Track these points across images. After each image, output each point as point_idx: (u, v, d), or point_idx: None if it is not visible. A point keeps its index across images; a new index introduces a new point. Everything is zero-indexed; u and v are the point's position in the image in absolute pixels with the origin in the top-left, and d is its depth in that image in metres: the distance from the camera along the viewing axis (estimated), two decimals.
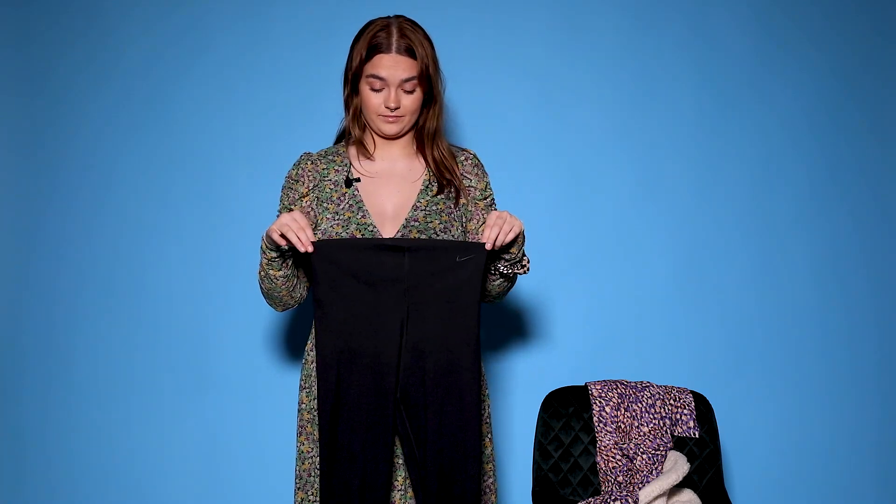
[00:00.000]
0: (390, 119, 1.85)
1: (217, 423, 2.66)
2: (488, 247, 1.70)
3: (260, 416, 2.65)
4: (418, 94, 1.85)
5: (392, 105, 1.82)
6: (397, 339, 1.69)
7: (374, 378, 1.69)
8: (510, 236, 1.72)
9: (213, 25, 2.67)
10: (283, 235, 1.69)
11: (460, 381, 1.70)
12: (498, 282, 1.89)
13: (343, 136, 1.98)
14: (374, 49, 1.81)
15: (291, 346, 2.67)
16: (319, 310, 1.70)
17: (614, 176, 2.71)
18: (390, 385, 1.70)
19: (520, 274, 1.86)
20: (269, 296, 1.87)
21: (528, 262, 1.86)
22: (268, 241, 1.75)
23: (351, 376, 1.69)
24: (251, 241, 2.50)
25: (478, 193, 1.94)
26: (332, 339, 1.68)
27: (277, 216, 1.91)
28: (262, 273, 1.82)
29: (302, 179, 1.90)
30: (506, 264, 1.83)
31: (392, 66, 1.80)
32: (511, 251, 1.80)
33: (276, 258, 1.77)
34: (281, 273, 1.81)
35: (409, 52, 1.81)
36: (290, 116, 2.65)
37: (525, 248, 1.86)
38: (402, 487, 1.87)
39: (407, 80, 1.81)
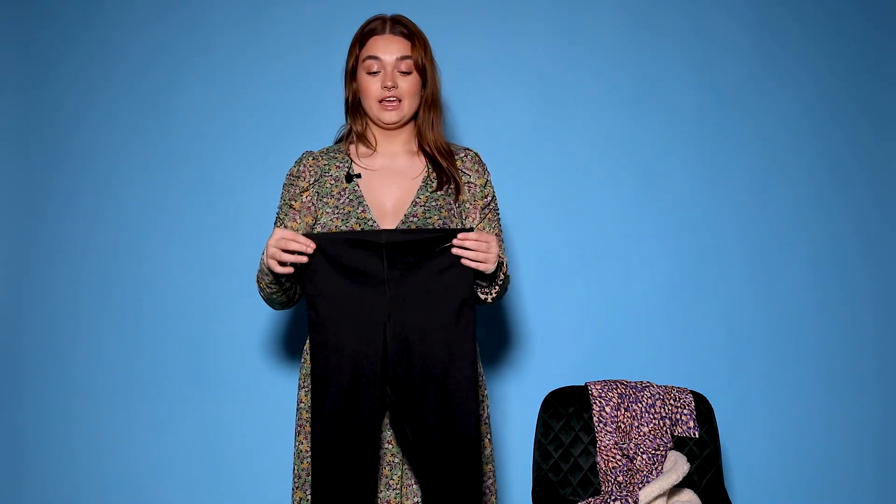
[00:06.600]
0: (389, 106, 1.88)
1: (216, 423, 2.66)
2: (458, 253, 1.71)
3: (259, 415, 2.65)
4: (415, 77, 1.89)
5: (388, 84, 1.85)
6: (381, 330, 1.70)
7: (356, 369, 1.70)
8: (476, 265, 1.72)
9: (213, 25, 2.67)
10: (281, 263, 1.69)
11: (447, 372, 1.71)
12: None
13: (342, 140, 2.01)
14: (369, 34, 1.89)
15: (290, 345, 2.67)
16: (308, 303, 1.73)
17: (615, 175, 2.71)
18: (375, 372, 1.71)
19: (488, 298, 1.89)
20: (267, 300, 1.91)
21: (500, 285, 1.89)
22: (268, 271, 1.76)
23: (337, 369, 1.70)
24: (251, 241, 2.50)
25: (477, 191, 1.95)
26: (316, 333, 1.71)
27: (276, 215, 1.93)
28: (262, 286, 1.85)
29: (303, 175, 1.91)
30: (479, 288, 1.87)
31: (385, 47, 1.87)
32: (481, 279, 1.82)
33: (273, 283, 1.80)
34: (281, 289, 1.84)
35: (403, 35, 1.89)
36: (290, 116, 2.65)
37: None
38: (398, 486, 1.86)
39: (402, 59, 1.86)
